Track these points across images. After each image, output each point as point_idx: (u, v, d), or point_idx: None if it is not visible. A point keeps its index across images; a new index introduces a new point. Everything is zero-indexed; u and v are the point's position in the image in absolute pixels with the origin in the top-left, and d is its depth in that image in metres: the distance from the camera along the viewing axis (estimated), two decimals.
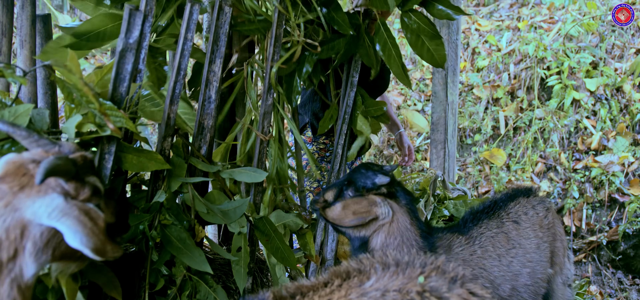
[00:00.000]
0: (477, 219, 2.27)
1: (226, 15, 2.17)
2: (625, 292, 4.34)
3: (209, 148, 2.24)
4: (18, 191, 1.22)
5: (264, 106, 2.45)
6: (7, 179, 1.23)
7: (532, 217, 2.34)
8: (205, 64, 2.18)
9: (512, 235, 2.24)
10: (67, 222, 1.22)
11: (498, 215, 2.30)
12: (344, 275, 1.46)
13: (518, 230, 2.26)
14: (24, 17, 2.03)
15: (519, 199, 2.39)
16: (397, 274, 1.41)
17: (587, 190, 5.23)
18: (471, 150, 6.20)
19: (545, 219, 2.37)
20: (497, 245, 2.19)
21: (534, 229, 2.31)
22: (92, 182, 1.38)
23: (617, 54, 6.12)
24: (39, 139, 1.35)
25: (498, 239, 2.20)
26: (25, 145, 1.37)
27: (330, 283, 1.44)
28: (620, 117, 5.64)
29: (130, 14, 1.82)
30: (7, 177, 1.24)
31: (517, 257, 2.21)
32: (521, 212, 2.34)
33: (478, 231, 2.21)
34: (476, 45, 6.92)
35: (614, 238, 4.64)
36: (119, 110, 1.75)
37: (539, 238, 2.30)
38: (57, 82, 1.68)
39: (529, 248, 2.26)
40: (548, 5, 7.10)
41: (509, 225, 2.27)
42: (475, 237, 2.19)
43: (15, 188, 1.22)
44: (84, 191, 1.34)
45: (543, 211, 2.39)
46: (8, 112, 1.64)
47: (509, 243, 2.21)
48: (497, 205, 2.35)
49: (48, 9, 6.48)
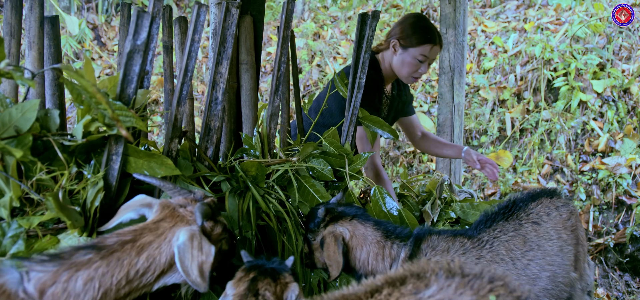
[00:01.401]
0: (491, 221, 2.22)
1: (233, 17, 2.17)
2: (633, 295, 4.31)
3: (216, 150, 2.24)
4: (174, 227, 1.59)
5: (271, 107, 2.45)
6: (166, 219, 1.61)
7: (555, 218, 2.26)
8: (212, 65, 2.18)
9: (530, 236, 2.18)
10: (180, 253, 1.54)
11: (516, 217, 2.22)
12: (398, 282, 1.31)
13: (538, 232, 2.20)
14: (32, 19, 2.04)
15: (541, 199, 2.33)
16: (463, 287, 1.26)
17: (594, 192, 5.20)
18: (477, 151, 6.18)
19: (568, 220, 2.30)
20: (511, 249, 2.14)
21: (557, 230, 2.25)
22: (223, 221, 1.76)
23: (624, 55, 6.09)
24: (180, 190, 1.76)
25: (514, 242, 2.15)
26: (170, 194, 1.77)
27: (380, 291, 1.30)
28: (628, 119, 5.61)
29: (138, 16, 1.83)
30: (166, 218, 1.61)
31: (535, 259, 2.14)
32: (543, 212, 2.27)
33: (490, 234, 2.16)
34: (482, 47, 6.91)
35: (621, 240, 4.61)
36: (129, 109, 1.76)
37: (562, 240, 2.24)
38: (66, 84, 1.69)
39: (551, 251, 2.19)
40: (555, 7, 7.07)
41: (528, 226, 2.21)
42: (485, 241, 2.14)
43: (172, 225, 1.60)
44: (217, 228, 1.71)
45: (567, 213, 2.32)
46: (15, 110, 1.65)
47: (525, 245, 2.16)
48: (516, 205, 2.29)
49: (56, 10, 6.51)
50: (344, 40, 7.89)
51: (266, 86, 7.22)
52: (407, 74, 3.15)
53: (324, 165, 2.51)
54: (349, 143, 2.71)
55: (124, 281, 1.47)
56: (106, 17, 8.78)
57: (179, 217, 1.62)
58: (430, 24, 3.15)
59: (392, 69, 3.20)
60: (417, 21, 3.12)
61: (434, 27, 3.14)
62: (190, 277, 1.51)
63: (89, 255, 1.44)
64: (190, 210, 1.65)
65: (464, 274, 1.29)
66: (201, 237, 1.60)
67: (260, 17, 2.63)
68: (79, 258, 1.43)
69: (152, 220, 1.62)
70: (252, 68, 2.54)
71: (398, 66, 3.14)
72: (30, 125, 1.65)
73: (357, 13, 3.55)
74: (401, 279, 1.30)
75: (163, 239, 1.56)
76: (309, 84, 7.26)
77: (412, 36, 3.07)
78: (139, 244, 1.52)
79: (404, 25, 3.11)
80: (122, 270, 1.47)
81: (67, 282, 1.38)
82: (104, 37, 8.50)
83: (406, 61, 3.10)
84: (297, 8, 8.80)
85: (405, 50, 3.09)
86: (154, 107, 7.23)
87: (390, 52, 3.17)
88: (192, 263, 1.53)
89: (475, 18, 7.46)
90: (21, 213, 1.72)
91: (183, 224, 1.60)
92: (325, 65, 7.41)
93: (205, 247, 1.59)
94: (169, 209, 1.64)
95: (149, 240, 1.54)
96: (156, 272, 1.55)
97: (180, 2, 9.45)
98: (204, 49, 7.87)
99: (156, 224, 1.59)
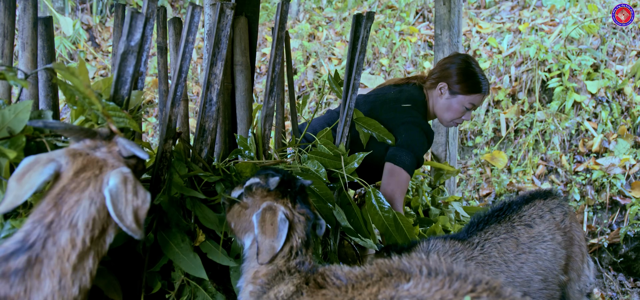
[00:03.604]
0: (483, 224, 2.22)
1: (227, 18, 2.17)
2: (627, 295, 4.33)
3: (210, 151, 2.24)
4: (100, 175, 1.38)
5: (265, 109, 2.45)
6: (86, 168, 1.38)
7: (549, 221, 2.26)
8: (206, 66, 2.18)
9: (522, 239, 2.17)
10: (113, 198, 1.35)
11: (509, 219, 2.23)
12: (386, 270, 1.39)
13: (530, 234, 2.19)
14: (26, 20, 2.03)
15: (535, 201, 2.32)
16: (442, 284, 1.28)
17: (588, 192, 5.22)
18: (472, 152, 6.19)
19: (562, 222, 2.29)
20: (503, 251, 2.13)
21: (550, 232, 2.25)
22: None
23: (618, 56, 6.12)
24: (77, 131, 1.51)
25: (506, 244, 2.14)
26: (71, 140, 1.51)
27: (371, 276, 1.40)
28: (622, 120, 5.64)
29: (132, 17, 1.82)
30: (85, 167, 1.38)
31: (527, 262, 2.13)
32: (536, 215, 2.26)
33: (482, 237, 2.16)
34: (477, 48, 6.92)
35: (616, 241, 4.63)
36: (122, 110, 1.75)
37: (555, 242, 2.23)
38: (59, 84, 1.68)
39: (543, 253, 2.19)
40: (549, 8, 7.10)
41: (521, 229, 2.20)
42: (476, 243, 2.14)
43: (97, 172, 1.39)
44: (140, 164, 1.59)
45: (560, 215, 2.31)
46: (8, 111, 1.64)
47: (518, 248, 2.15)
48: (510, 208, 2.29)
49: (50, 11, 6.49)
50: (339, 41, 7.89)
51: (261, 87, 7.21)
52: (451, 120, 3.07)
53: (318, 167, 2.51)
54: (343, 144, 2.71)
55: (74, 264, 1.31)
56: (100, 18, 8.75)
57: (98, 162, 1.41)
58: (480, 70, 3.06)
59: (434, 110, 3.11)
60: (468, 67, 3.02)
61: (484, 75, 3.06)
62: (125, 223, 1.34)
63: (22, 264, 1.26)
64: (107, 150, 1.46)
65: (448, 274, 1.31)
66: (135, 180, 1.42)
67: (255, 18, 2.63)
68: (11, 264, 1.25)
69: (67, 177, 1.37)
70: (246, 69, 2.54)
71: (443, 110, 3.05)
72: (23, 126, 1.64)
73: (352, 14, 3.55)
74: (389, 269, 1.38)
75: (94, 191, 1.36)
76: (304, 85, 7.26)
77: (463, 83, 2.98)
78: (64, 213, 1.32)
79: (455, 71, 3.01)
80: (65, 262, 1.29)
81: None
82: (98, 38, 8.47)
83: (453, 107, 3.01)
84: (292, 9, 8.79)
85: (454, 96, 3.00)
86: (148, 108, 7.21)
87: (435, 93, 3.07)
88: (126, 208, 1.36)
89: (470, 19, 7.48)
90: (14, 215, 1.71)
91: (108, 168, 1.40)
92: (321, 66, 7.41)
93: (140, 192, 1.42)
94: (82, 156, 1.41)
95: (76, 200, 1.34)
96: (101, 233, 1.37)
97: (175, 3, 9.44)
98: (198, 50, 7.85)
99: (76, 179, 1.37)
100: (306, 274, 1.63)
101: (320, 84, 7.09)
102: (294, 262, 1.67)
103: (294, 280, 1.61)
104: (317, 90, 7.09)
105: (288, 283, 1.61)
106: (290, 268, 1.66)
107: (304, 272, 1.64)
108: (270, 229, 1.66)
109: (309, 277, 1.61)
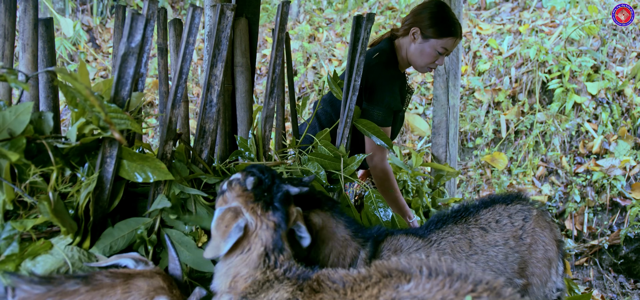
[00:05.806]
0: (441, 223, 2.24)
1: (228, 19, 2.17)
2: (627, 296, 4.33)
3: (211, 152, 2.24)
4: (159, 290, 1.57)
5: (266, 110, 2.45)
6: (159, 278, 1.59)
7: (505, 226, 2.26)
8: (207, 67, 2.18)
9: (476, 241, 2.18)
10: None
11: (465, 221, 2.23)
12: (385, 271, 1.38)
13: (484, 238, 2.20)
14: (26, 21, 2.03)
15: (495, 206, 2.30)
16: (443, 285, 1.28)
17: (589, 194, 5.22)
18: (472, 154, 6.20)
19: (521, 228, 2.28)
20: (456, 250, 2.15)
21: (504, 238, 2.24)
22: None
23: (618, 57, 6.12)
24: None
25: (459, 244, 2.16)
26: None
27: (369, 278, 1.39)
28: (622, 121, 5.64)
29: (133, 18, 1.82)
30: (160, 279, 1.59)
31: (478, 264, 2.15)
32: (492, 219, 2.27)
33: (439, 235, 2.18)
34: (477, 49, 6.93)
35: (616, 242, 4.63)
36: (123, 112, 1.75)
37: (508, 247, 2.23)
38: (60, 86, 1.68)
39: (494, 256, 2.19)
40: (549, 9, 7.11)
41: (475, 231, 2.22)
42: (434, 241, 2.16)
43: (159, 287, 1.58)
44: None
45: (520, 220, 2.29)
46: (9, 112, 1.64)
47: (470, 249, 2.16)
48: (468, 211, 2.30)
49: (50, 12, 6.49)
50: (340, 42, 7.90)
51: (261, 89, 7.22)
52: (424, 64, 3.06)
53: (318, 169, 2.51)
54: (343, 145, 2.72)
55: None
56: (101, 19, 8.76)
57: (165, 289, 1.59)
58: (453, 14, 3.05)
59: (408, 57, 3.10)
60: (441, 11, 3.01)
61: (456, 19, 3.04)
62: None
63: (77, 286, 1.43)
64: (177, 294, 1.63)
65: (449, 274, 1.31)
66: None
67: (255, 20, 2.63)
68: (68, 288, 1.42)
69: (149, 270, 1.60)
70: (247, 70, 2.54)
71: (415, 55, 3.05)
72: (24, 128, 1.64)
73: (352, 15, 3.54)
74: (388, 270, 1.37)
75: (152, 293, 1.53)
76: (304, 86, 7.26)
77: (435, 27, 2.97)
78: (128, 285, 1.50)
79: (427, 15, 3.00)
80: None
81: None
82: (98, 39, 8.48)
83: (426, 52, 3.01)
84: (292, 10, 8.80)
85: (426, 40, 2.99)
86: (149, 109, 7.21)
87: (408, 40, 3.07)
88: None
89: (470, 20, 7.48)
90: (15, 216, 1.71)
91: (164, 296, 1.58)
92: (321, 67, 7.42)
93: None
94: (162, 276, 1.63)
95: (139, 286, 1.52)
96: None
97: (175, 5, 9.44)
98: (199, 51, 7.86)
99: (152, 275, 1.58)
100: (298, 281, 1.59)
101: (320, 85, 7.09)
102: (280, 269, 1.62)
103: (286, 287, 1.56)
104: (317, 91, 7.09)
105: (279, 290, 1.56)
106: (277, 275, 1.61)
107: (294, 279, 1.60)
108: (222, 230, 1.62)
109: (302, 284, 1.57)
